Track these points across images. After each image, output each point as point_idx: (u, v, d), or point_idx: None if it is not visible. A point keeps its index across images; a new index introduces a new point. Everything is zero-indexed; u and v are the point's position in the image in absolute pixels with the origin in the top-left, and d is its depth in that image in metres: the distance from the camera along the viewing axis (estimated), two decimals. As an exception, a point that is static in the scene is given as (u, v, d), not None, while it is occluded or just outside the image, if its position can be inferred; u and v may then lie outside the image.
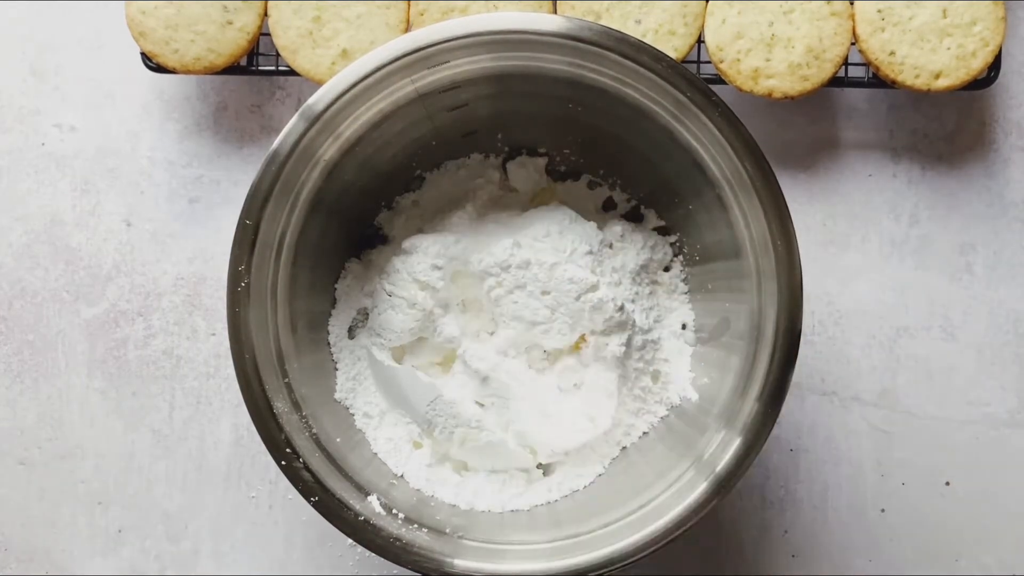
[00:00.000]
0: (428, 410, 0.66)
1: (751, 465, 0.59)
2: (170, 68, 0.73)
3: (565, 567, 0.58)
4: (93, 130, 0.79)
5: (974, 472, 0.76)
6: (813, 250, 0.77)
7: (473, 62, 0.61)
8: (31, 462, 0.78)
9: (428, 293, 0.67)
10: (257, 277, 0.60)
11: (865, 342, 0.77)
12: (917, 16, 0.71)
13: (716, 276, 0.67)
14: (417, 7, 0.73)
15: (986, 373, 0.77)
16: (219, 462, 0.78)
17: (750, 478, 0.77)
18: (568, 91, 0.64)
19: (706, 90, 0.59)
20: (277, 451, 0.60)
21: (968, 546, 0.76)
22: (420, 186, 0.72)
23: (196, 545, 0.78)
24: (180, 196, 0.78)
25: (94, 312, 0.78)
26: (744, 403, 0.60)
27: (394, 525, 0.60)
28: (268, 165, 0.60)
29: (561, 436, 0.67)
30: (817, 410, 0.77)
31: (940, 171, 0.77)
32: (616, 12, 0.72)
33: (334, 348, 0.69)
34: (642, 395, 0.68)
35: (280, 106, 0.78)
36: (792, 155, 0.78)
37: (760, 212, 0.59)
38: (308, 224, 0.64)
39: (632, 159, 0.69)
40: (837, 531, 0.76)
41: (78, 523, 0.78)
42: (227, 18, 0.72)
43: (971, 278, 0.77)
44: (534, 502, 0.66)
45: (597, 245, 0.68)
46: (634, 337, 0.67)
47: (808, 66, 0.71)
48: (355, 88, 0.60)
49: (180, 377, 0.78)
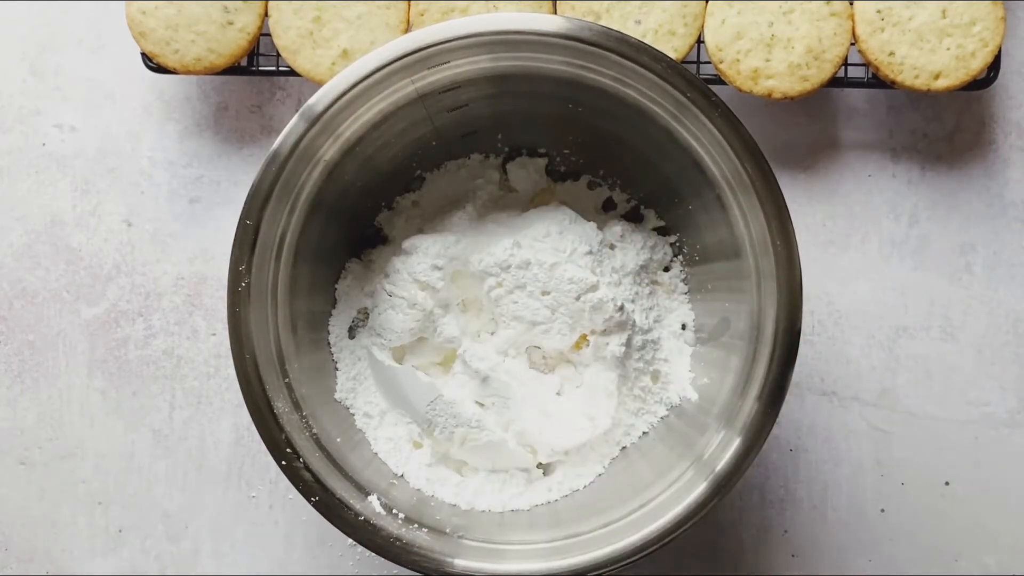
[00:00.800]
0: (428, 410, 0.66)
1: (751, 465, 0.59)
2: (170, 68, 0.73)
3: (565, 567, 0.58)
4: (93, 130, 0.79)
5: (974, 472, 0.76)
6: (813, 250, 0.77)
7: (473, 62, 0.61)
8: (31, 462, 0.78)
9: (428, 293, 0.67)
10: (257, 277, 0.60)
11: (865, 342, 0.77)
12: (917, 16, 0.71)
13: (716, 276, 0.67)
14: (417, 7, 0.73)
15: (986, 373, 0.77)
16: (219, 462, 0.78)
17: (750, 478, 0.77)
18: (568, 91, 0.64)
19: (706, 90, 0.59)
20: (277, 451, 0.60)
21: (968, 546, 0.76)
22: (420, 186, 0.72)
23: (196, 545, 0.78)
24: (180, 196, 0.78)
25: (94, 312, 0.78)
26: (744, 403, 0.60)
27: (394, 525, 0.60)
28: (268, 165, 0.60)
29: (561, 436, 0.67)
30: (817, 410, 0.77)
31: (940, 171, 0.77)
32: (616, 12, 0.72)
33: (334, 348, 0.69)
34: (642, 395, 0.68)
35: (280, 106, 0.78)
36: (792, 155, 0.78)
37: (760, 212, 0.59)
38: (308, 224, 0.64)
39: (632, 159, 0.69)
40: (837, 531, 0.76)
41: (78, 523, 0.78)
42: (227, 18, 0.72)
43: (971, 278, 0.77)
44: (534, 502, 0.66)
45: (597, 245, 0.68)
46: (634, 337, 0.67)
47: (808, 66, 0.71)
48: (355, 88, 0.60)
49: (180, 377, 0.78)
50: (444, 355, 0.69)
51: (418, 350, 0.69)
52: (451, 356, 0.69)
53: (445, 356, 0.69)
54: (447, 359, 0.69)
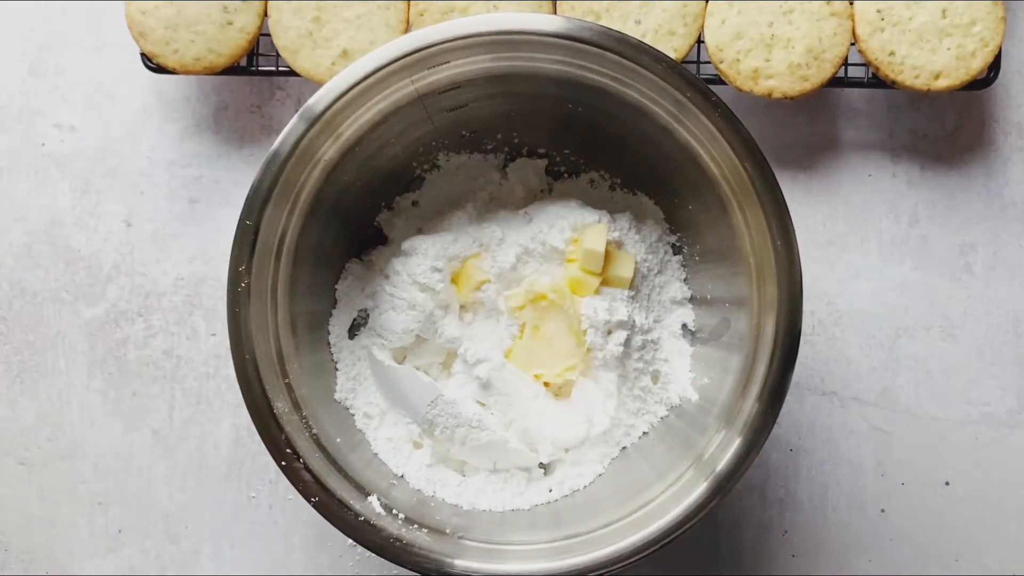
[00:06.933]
0: (428, 410, 0.66)
1: (751, 465, 0.59)
2: (170, 68, 0.73)
3: (565, 567, 0.58)
4: (93, 130, 0.79)
5: (974, 472, 0.76)
6: (813, 250, 0.77)
7: (473, 62, 0.61)
8: (31, 462, 0.78)
9: (428, 295, 0.67)
10: (257, 277, 0.60)
11: (865, 342, 0.77)
12: (917, 16, 0.71)
13: (716, 276, 0.67)
14: (417, 7, 0.73)
15: (986, 373, 0.77)
16: (219, 462, 0.78)
17: (750, 478, 0.77)
18: (568, 91, 0.64)
19: (706, 90, 0.59)
20: (277, 451, 0.60)
21: (968, 546, 0.76)
22: (420, 186, 0.72)
23: (196, 545, 0.78)
24: (180, 196, 0.78)
25: (94, 312, 0.78)
26: (744, 403, 0.60)
27: (394, 525, 0.60)
28: (268, 165, 0.60)
29: (561, 435, 0.67)
30: (817, 410, 0.77)
31: (940, 171, 0.77)
32: (616, 12, 0.72)
33: (334, 348, 0.69)
34: (642, 395, 0.68)
35: (280, 106, 0.78)
36: (792, 155, 0.78)
37: (760, 212, 0.59)
38: (308, 224, 0.64)
39: (632, 159, 0.69)
40: (837, 531, 0.76)
41: (78, 523, 0.78)
42: (227, 18, 0.72)
43: (971, 278, 0.77)
44: (534, 502, 0.66)
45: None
46: (634, 337, 0.67)
47: (808, 66, 0.71)
48: (355, 88, 0.60)
49: (180, 377, 0.78)
50: (445, 355, 0.69)
51: (419, 350, 0.69)
52: (452, 356, 0.69)
53: (447, 356, 0.69)
54: (448, 359, 0.69)
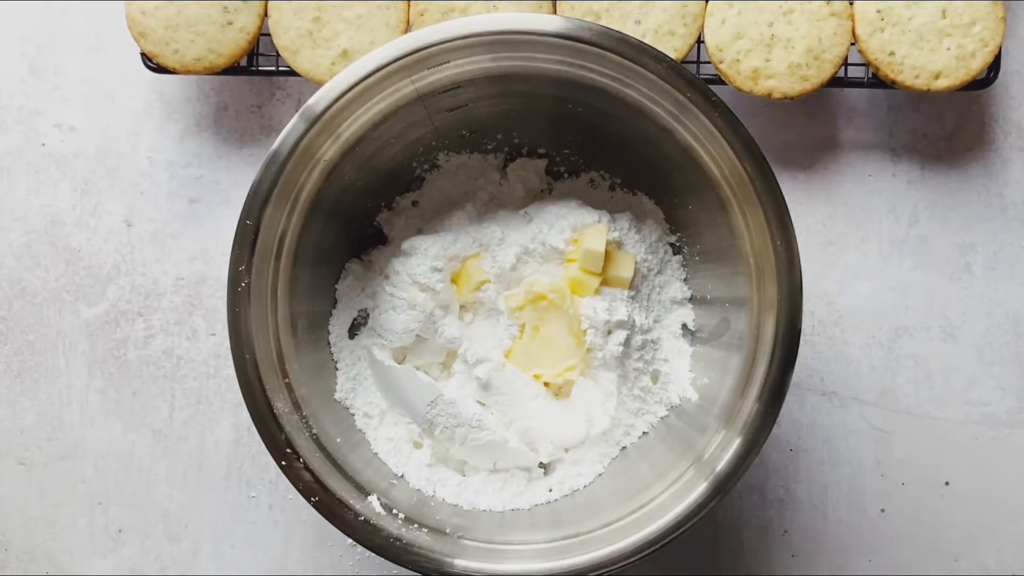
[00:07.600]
0: (428, 410, 0.66)
1: (751, 465, 0.59)
2: (170, 68, 0.73)
3: (565, 567, 0.58)
4: (93, 130, 0.79)
5: (974, 472, 0.76)
6: (813, 250, 0.77)
7: (473, 62, 0.61)
8: (31, 462, 0.78)
9: (428, 295, 0.67)
10: (257, 277, 0.60)
11: (865, 342, 0.77)
12: (917, 16, 0.71)
13: (716, 276, 0.67)
14: (417, 7, 0.73)
15: (985, 373, 0.77)
16: (219, 462, 0.78)
17: (750, 478, 0.77)
18: (568, 91, 0.64)
19: (706, 90, 0.59)
20: (277, 451, 0.60)
21: (968, 546, 0.76)
22: (420, 186, 0.72)
23: (196, 545, 0.78)
24: (180, 196, 0.78)
25: (94, 312, 0.78)
26: (744, 403, 0.60)
27: (394, 525, 0.60)
28: (268, 165, 0.60)
29: (561, 435, 0.67)
30: (817, 410, 0.77)
31: (939, 171, 0.77)
32: (616, 12, 0.72)
33: (334, 348, 0.69)
34: (642, 395, 0.68)
35: (280, 106, 0.78)
36: (792, 155, 0.78)
37: (760, 212, 0.59)
38: (308, 224, 0.64)
39: (632, 159, 0.69)
40: (837, 531, 0.76)
41: (78, 523, 0.78)
42: (227, 18, 0.72)
43: (970, 278, 0.77)
44: (534, 501, 0.66)
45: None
46: (634, 337, 0.67)
47: (808, 66, 0.71)
48: (355, 88, 0.60)
49: (180, 377, 0.78)
50: (445, 355, 0.69)
51: (419, 350, 0.69)
52: (452, 356, 0.69)
53: (447, 356, 0.69)
54: (448, 359, 0.69)
